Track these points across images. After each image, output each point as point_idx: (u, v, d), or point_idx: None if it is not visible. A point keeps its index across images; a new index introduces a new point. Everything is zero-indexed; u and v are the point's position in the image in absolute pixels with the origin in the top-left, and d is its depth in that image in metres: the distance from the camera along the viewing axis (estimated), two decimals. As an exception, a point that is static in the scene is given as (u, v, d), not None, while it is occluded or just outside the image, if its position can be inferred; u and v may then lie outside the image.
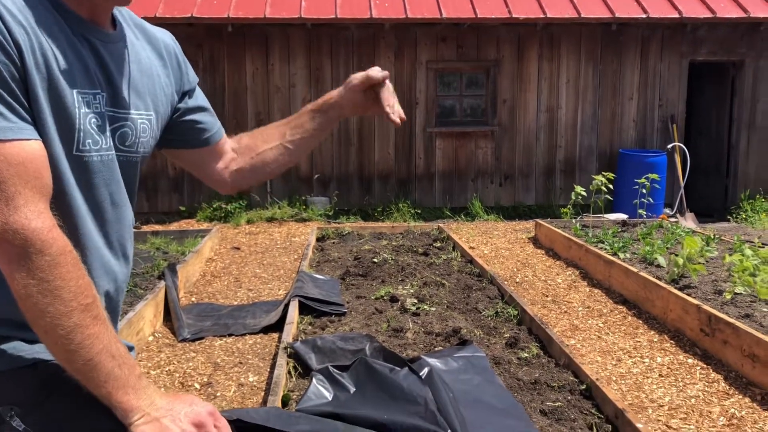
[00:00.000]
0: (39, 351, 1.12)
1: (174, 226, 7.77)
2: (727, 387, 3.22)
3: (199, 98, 1.45)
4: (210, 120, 1.46)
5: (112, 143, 1.18)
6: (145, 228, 7.35)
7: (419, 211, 8.49)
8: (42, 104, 1.05)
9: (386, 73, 1.46)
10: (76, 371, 1.01)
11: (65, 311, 0.98)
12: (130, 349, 1.23)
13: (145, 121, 1.25)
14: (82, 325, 0.99)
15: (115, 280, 1.22)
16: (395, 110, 1.44)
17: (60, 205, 1.09)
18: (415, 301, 4.14)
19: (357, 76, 1.46)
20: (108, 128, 1.17)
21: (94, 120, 1.13)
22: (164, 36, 1.38)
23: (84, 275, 1.02)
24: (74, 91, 1.09)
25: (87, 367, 1.00)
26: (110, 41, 1.19)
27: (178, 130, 1.41)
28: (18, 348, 1.12)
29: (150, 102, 1.27)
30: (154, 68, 1.30)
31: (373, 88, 1.46)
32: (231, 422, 1.08)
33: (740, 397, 3.11)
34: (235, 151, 1.54)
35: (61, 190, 1.09)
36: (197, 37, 8.21)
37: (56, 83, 1.06)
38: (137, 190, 1.33)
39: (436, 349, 3.36)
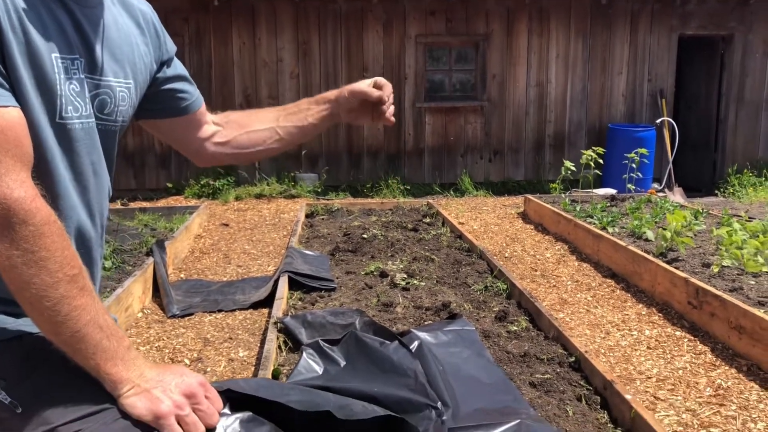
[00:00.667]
0: (24, 324, 1.10)
1: (162, 203, 7.72)
2: (714, 358, 3.25)
3: (178, 67, 1.42)
4: (189, 88, 1.44)
5: (92, 110, 1.14)
6: (133, 205, 7.30)
7: (408, 187, 8.47)
8: (20, 70, 1.01)
9: (381, 94, 1.50)
10: (63, 343, 0.99)
11: (51, 282, 0.96)
12: None
13: (124, 90, 1.22)
14: (69, 296, 0.97)
15: (91, 250, 1.19)
16: (389, 110, 1.52)
17: (42, 173, 1.06)
18: (405, 276, 4.15)
19: (359, 87, 1.51)
20: (87, 95, 1.13)
21: (73, 86, 1.09)
22: (141, 4, 1.34)
23: (69, 245, 1.00)
24: (53, 55, 1.05)
25: (74, 339, 0.98)
26: (87, 6, 1.15)
27: (157, 100, 1.39)
28: (2, 321, 1.10)
29: (129, 70, 1.23)
30: (132, 36, 1.27)
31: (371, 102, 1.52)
32: (221, 393, 1.08)
33: (727, 368, 3.14)
34: (219, 125, 1.52)
35: (42, 158, 1.06)
36: (183, 11, 8.09)
37: (34, 47, 1.02)
38: (116, 161, 1.30)
39: (425, 323, 3.37)
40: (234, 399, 1.09)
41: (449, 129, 8.72)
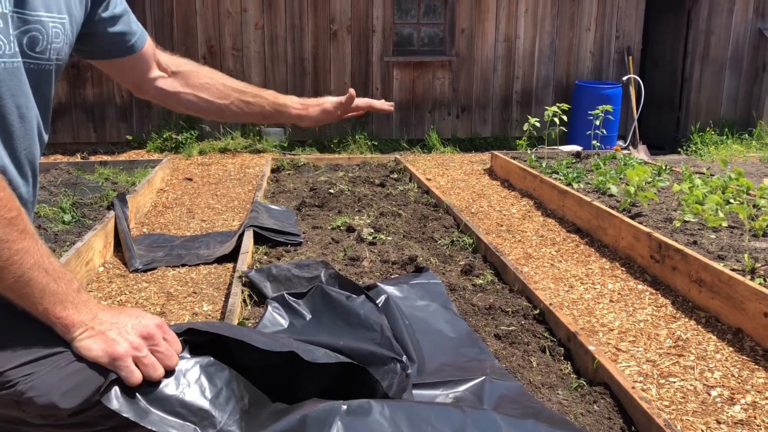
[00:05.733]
0: None
1: (123, 157, 7.54)
2: (675, 311, 3.32)
3: (118, 5, 1.31)
4: (129, 29, 1.33)
5: (17, 49, 1.04)
6: (93, 158, 7.11)
7: (376, 143, 8.40)
8: None
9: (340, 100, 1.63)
10: (8, 289, 0.93)
11: None
12: None
13: (57, 25, 1.11)
14: (8, 239, 0.91)
15: (20, 199, 1.12)
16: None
17: None
18: (372, 230, 4.13)
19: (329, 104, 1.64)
20: (13, 32, 1.02)
21: None
22: None
23: (4, 186, 0.93)
24: None
25: (19, 284, 0.93)
26: None
27: (97, 42, 1.29)
28: None
29: (63, 4, 1.13)
30: None
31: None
32: (180, 336, 1.04)
33: (686, 320, 3.21)
34: (167, 70, 1.46)
35: None
36: (142, -43, 7.77)
37: None
38: (52, 103, 1.20)
39: (392, 276, 3.36)
40: (194, 344, 1.05)
41: (417, 84, 8.63)
